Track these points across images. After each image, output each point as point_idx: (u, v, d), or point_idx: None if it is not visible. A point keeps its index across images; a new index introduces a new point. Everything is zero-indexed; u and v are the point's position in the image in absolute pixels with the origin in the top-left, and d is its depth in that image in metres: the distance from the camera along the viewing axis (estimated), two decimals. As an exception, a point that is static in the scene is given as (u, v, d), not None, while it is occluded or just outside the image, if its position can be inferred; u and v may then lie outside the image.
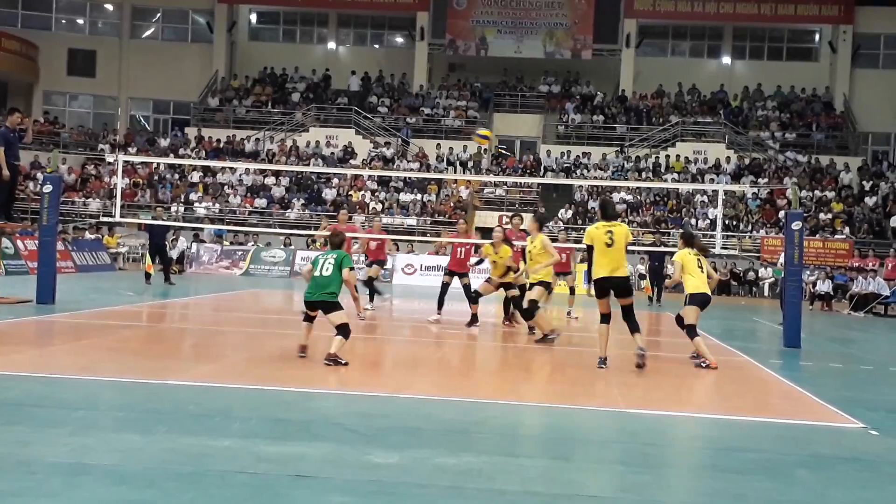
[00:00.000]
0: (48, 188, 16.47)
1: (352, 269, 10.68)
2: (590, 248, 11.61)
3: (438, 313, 16.85)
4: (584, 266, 18.11)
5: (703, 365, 11.73)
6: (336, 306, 10.45)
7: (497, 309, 19.23)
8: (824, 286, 28.68)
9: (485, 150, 40.57)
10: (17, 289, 17.67)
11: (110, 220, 25.56)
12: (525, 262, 14.57)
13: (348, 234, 15.78)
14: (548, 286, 14.13)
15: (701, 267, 12.40)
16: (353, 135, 42.69)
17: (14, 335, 12.23)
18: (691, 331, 12.08)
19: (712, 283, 12.76)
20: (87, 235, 32.19)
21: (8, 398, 7.79)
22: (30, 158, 38.26)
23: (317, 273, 10.51)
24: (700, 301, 12.20)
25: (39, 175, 32.97)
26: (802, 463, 6.81)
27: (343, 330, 10.41)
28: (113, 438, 6.51)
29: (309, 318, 10.83)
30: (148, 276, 23.29)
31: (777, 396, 10.29)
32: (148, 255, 23.98)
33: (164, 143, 43.21)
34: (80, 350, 10.89)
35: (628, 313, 11.57)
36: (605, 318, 11.54)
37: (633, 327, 11.55)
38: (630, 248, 12.02)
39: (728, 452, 7.06)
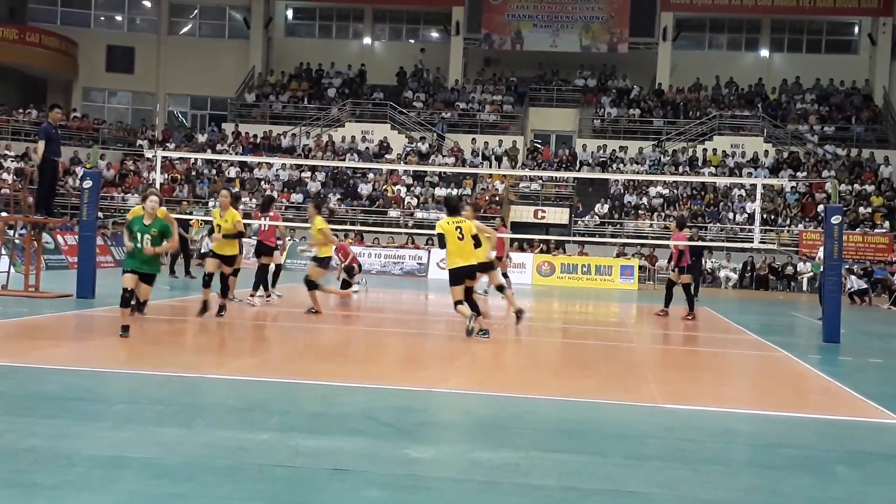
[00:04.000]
0: (88, 184, 16.63)
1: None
2: (441, 237, 12.89)
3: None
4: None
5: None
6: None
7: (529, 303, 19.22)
8: (854, 283, 28.11)
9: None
10: (58, 283, 17.86)
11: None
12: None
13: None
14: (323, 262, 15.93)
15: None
16: (388, 130, 42.75)
17: (54, 329, 12.38)
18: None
19: (485, 249, 13.74)
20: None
21: (48, 391, 7.88)
22: (69, 154, 38.65)
23: None
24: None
25: (79, 170, 33.29)
26: (842, 459, 6.74)
27: None
28: (152, 432, 6.57)
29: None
30: (172, 269, 23.50)
31: (816, 392, 10.21)
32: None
33: (201, 138, 43.46)
34: (119, 344, 10.98)
35: (469, 294, 13.10)
36: (461, 302, 12.84)
37: (473, 306, 13.00)
38: (668, 242, 12.08)
39: (766, 448, 7.01)
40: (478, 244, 13.15)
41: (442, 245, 13.06)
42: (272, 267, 18.08)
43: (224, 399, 7.96)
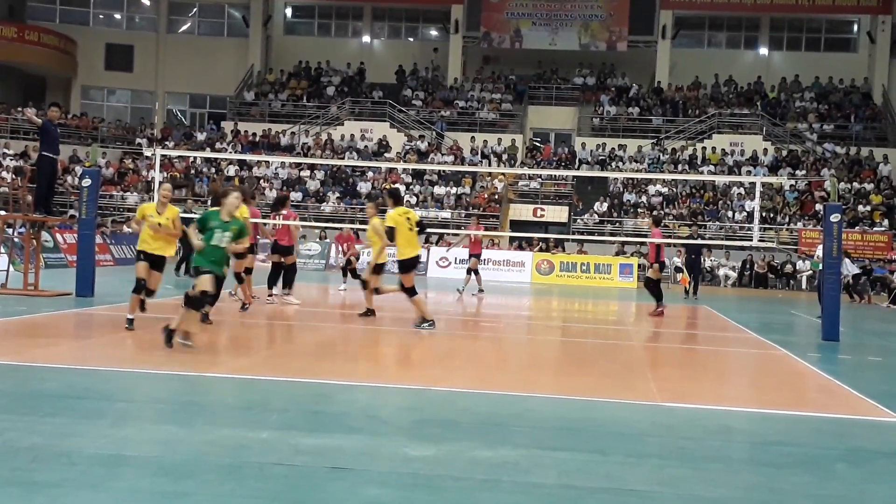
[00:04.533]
0: (87, 182, 16.62)
1: None
2: (391, 230, 13.32)
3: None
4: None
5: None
6: None
7: (531, 302, 19.23)
8: (849, 268, 27.44)
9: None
10: (57, 282, 17.86)
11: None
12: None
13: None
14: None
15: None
16: (387, 128, 42.74)
17: (54, 327, 12.38)
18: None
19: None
20: (126, 229, 32.44)
21: (48, 390, 7.88)
22: (68, 152, 38.63)
23: None
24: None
25: (78, 169, 33.27)
26: (841, 457, 6.75)
27: None
28: (152, 430, 6.57)
29: None
30: (178, 267, 23.53)
31: (815, 390, 10.22)
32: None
33: (200, 137, 43.45)
34: (119, 342, 10.99)
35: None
36: (413, 290, 13.43)
37: (412, 294, 13.52)
38: (667, 240, 12.17)
39: (765, 446, 7.02)
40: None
41: (391, 238, 13.44)
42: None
43: (224, 397, 7.97)
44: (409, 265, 13.53)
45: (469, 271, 22.45)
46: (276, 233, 17.52)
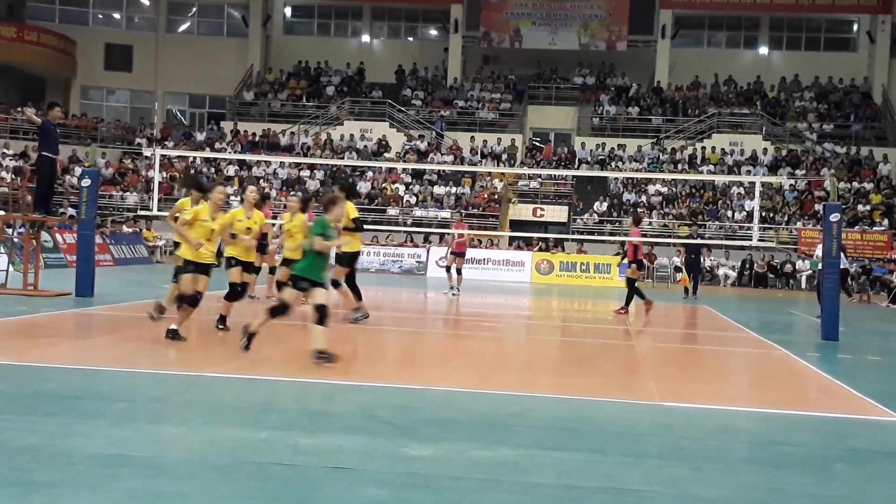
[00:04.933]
0: (86, 182, 16.61)
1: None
2: (357, 221, 13.48)
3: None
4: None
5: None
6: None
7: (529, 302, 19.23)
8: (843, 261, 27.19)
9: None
10: (57, 282, 17.85)
11: (147, 213, 25.74)
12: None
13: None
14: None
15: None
16: (387, 128, 42.73)
17: (53, 328, 12.37)
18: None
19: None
20: (125, 229, 32.45)
21: (47, 390, 7.88)
22: (68, 153, 38.62)
23: None
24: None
25: (77, 169, 33.26)
26: (841, 457, 6.75)
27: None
28: (151, 430, 6.57)
29: None
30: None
31: (815, 389, 10.21)
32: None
33: (200, 136, 43.44)
34: (118, 342, 10.99)
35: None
36: (351, 282, 13.52)
37: (357, 293, 13.62)
38: (666, 240, 12.18)
39: (765, 446, 7.02)
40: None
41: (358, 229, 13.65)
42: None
43: (223, 397, 7.96)
44: (355, 259, 13.81)
45: (448, 269, 22.31)
46: None
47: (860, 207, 36.47)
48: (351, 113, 43.85)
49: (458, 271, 22.00)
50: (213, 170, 40.60)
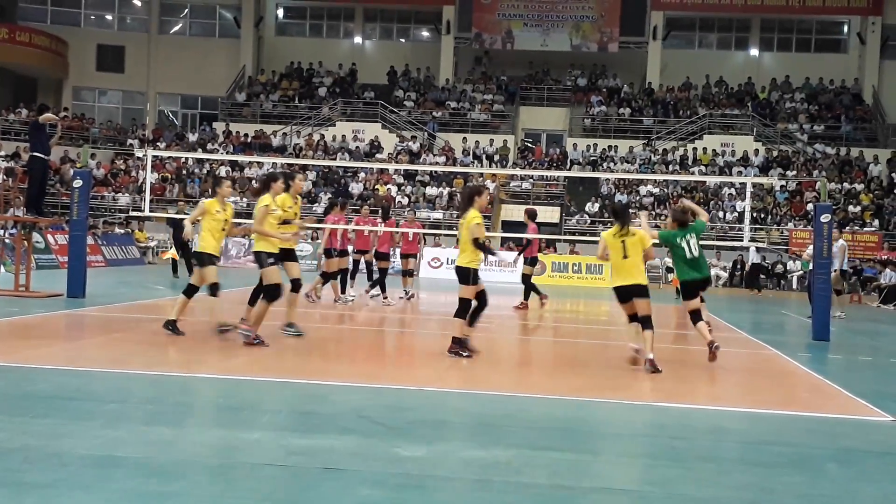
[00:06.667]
0: (78, 183, 16.59)
1: None
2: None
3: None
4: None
5: None
6: None
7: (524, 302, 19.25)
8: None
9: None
10: (48, 283, 17.82)
11: (139, 214, 25.75)
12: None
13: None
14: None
15: None
16: (379, 129, 42.74)
17: (45, 329, 12.35)
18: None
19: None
20: (117, 230, 32.41)
21: (39, 391, 7.87)
22: (59, 154, 38.52)
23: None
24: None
25: (70, 170, 33.18)
26: (832, 457, 6.78)
27: None
28: (143, 431, 6.57)
29: None
30: (175, 269, 23.52)
31: (806, 389, 10.24)
32: (173, 247, 24.16)
33: (192, 137, 43.37)
34: (110, 343, 10.98)
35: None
36: (213, 287, 11.63)
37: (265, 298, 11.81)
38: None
39: (756, 446, 7.03)
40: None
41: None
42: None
43: (215, 398, 7.97)
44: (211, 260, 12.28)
45: (403, 273, 21.18)
46: (378, 240, 19.25)
47: (851, 208, 36.57)
48: (343, 114, 43.83)
49: (410, 273, 21.32)
50: (205, 171, 40.55)
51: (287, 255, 11.78)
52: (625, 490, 5.71)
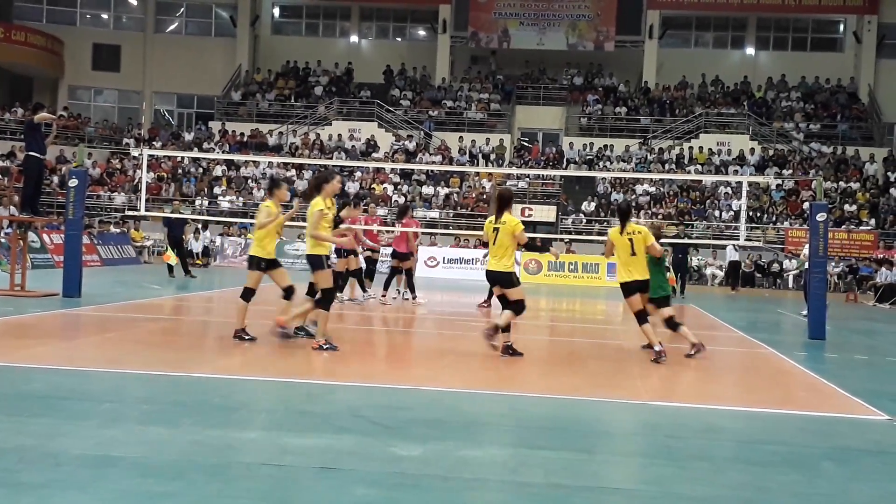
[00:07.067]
0: (74, 182, 16.57)
1: None
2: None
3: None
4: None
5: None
6: None
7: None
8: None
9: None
10: (44, 282, 17.79)
11: (135, 213, 25.71)
12: None
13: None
14: None
15: None
16: (375, 128, 42.72)
17: (40, 328, 12.33)
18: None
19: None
20: (113, 229, 32.36)
21: (35, 390, 7.86)
22: (55, 153, 38.49)
23: None
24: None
25: (65, 169, 33.17)
26: (827, 455, 6.78)
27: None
28: (139, 431, 6.56)
29: None
30: (171, 269, 23.51)
31: (802, 388, 10.25)
32: (168, 247, 24.15)
33: (188, 137, 43.35)
34: (106, 343, 10.96)
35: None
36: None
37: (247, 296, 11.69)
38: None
39: (752, 445, 7.04)
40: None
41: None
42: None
43: (211, 397, 7.96)
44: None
45: (393, 270, 19.84)
46: (394, 240, 19.12)
47: (846, 207, 36.62)
48: (339, 113, 43.82)
49: (397, 271, 20.03)
50: (201, 170, 40.53)
51: (271, 264, 11.66)
52: (620, 489, 5.72)
